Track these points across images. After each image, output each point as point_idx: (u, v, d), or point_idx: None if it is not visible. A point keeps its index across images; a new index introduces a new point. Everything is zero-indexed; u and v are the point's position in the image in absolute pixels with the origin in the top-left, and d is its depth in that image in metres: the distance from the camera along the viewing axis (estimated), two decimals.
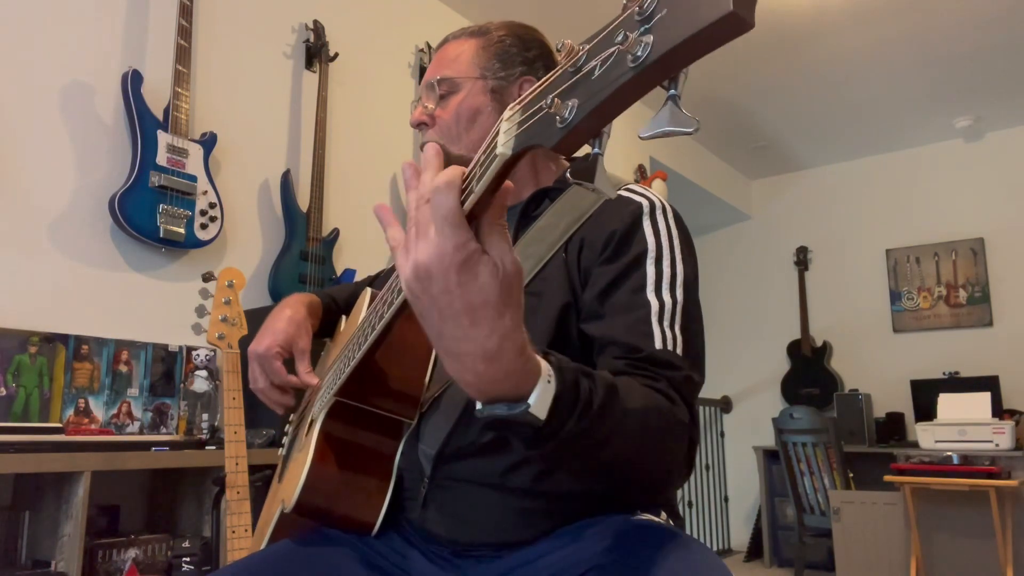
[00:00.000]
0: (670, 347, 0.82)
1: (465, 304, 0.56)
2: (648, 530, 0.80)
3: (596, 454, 0.69)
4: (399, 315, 0.78)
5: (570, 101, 0.48)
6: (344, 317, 1.25)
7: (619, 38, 0.45)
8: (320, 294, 1.25)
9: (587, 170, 0.49)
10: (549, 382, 0.61)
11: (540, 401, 0.60)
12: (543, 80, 0.51)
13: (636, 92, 0.46)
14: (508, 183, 0.56)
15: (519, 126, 0.52)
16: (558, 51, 0.50)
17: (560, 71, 0.50)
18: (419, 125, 1.05)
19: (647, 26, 0.44)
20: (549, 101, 0.49)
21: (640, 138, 0.47)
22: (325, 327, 1.22)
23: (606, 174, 0.50)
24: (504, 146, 0.53)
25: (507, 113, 0.54)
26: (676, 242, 0.91)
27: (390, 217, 0.64)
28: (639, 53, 0.44)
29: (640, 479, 0.78)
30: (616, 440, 0.69)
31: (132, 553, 1.81)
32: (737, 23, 0.41)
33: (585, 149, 0.51)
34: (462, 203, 0.55)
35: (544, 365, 0.62)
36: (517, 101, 0.54)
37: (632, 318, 0.84)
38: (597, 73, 0.46)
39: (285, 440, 1.25)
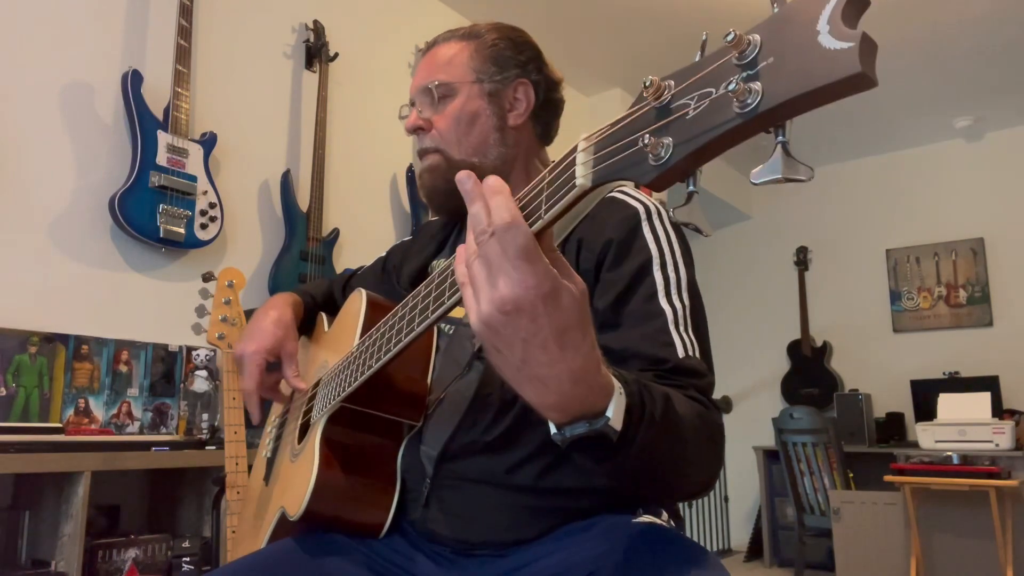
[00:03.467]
0: (691, 352, 0.83)
1: (553, 330, 0.56)
2: (649, 533, 0.81)
3: (660, 462, 0.70)
4: (433, 325, 0.76)
5: (665, 140, 0.47)
6: (323, 315, 1.24)
7: (730, 85, 0.43)
8: (300, 292, 1.24)
9: (689, 210, 0.49)
10: (620, 394, 0.63)
11: (616, 413, 0.62)
12: (626, 114, 0.51)
13: (739, 137, 0.45)
14: None
15: (601, 159, 0.52)
16: (646, 87, 0.49)
17: (646, 107, 0.49)
18: (415, 130, 1.04)
19: (751, 72, 0.43)
20: (646, 139, 0.48)
21: (753, 184, 0.46)
22: (305, 327, 1.22)
23: (703, 212, 0.49)
24: (584, 178, 0.53)
25: (582, 143, 0.54)
26: (676, 246, 0.91)
27: (462, 253, 0.62)
28: (748, 100, 0.43)
29: (693, 482, 0.79)
30: (676, 447, 0.70)
31: (132, 553, 1.81)
32: (863, 82, 0.39)
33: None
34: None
35: (613, 379, 0.63)
36: (596, 131, 0.53)
37: (651, 328, 0.84)
38: (693, 114, 0.46)
39: (267, 441, 1.24)
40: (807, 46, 0.41)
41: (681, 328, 0.85)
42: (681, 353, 0.82)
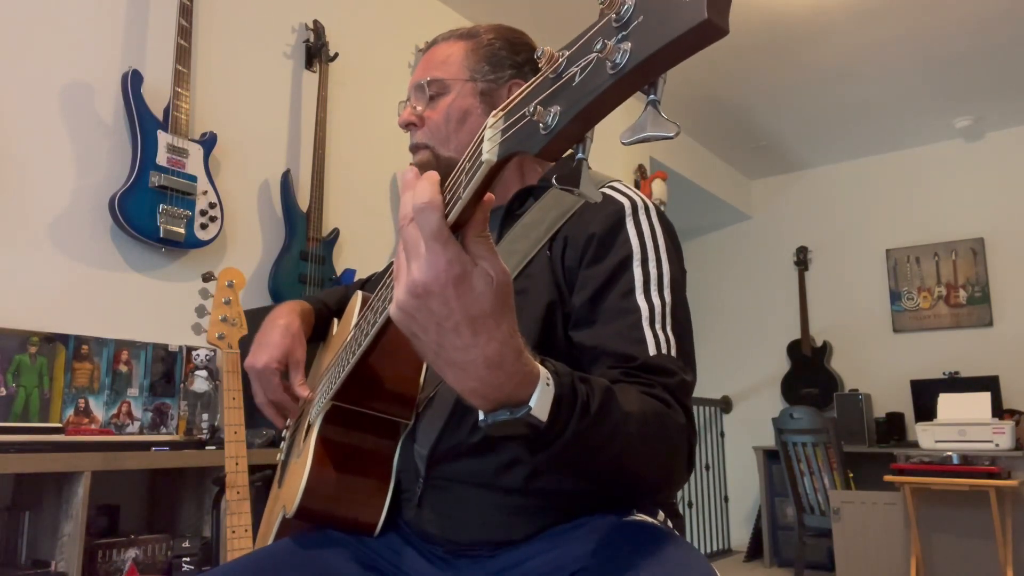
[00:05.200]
0: (663, 351, 0.82)
1: (465, 316, 0.57)
2: (636, 531, 0.80)
3: (598, 457, 0.69)
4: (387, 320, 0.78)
5: (552, 108, 0.48)
6: (336, 320, 1.25)
7: (598, 45, 0.45)
8: (311, 300, 1.25)
9: (572, 175, 0.50)
10: (548, 384, 0.62)
11: (540, 403, 0.61)
12: (524, 87, 0.52)
13: (617, 98, 0.46)
14: (490, 194, 0.57)
15: (503, 133, 0.53)
16: (538, 58, 0.50)
17: (541, 78, 0.50)
18: (408, 126, 1.05)
19: (624, 33, 0.44)
20: (532, 108, 0.49)
21: (622, 143, 0.47)
22: (317, 333, 1.22)
23: (591, 178, 0.50)
24: (489, 153, 0.53)
25: (491, 120, 0.54)
26: (661, 241, 0.90)
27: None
28: (618, 60, 0.44)
29: (642, 482, 0.78)
30: (616, 443, 0.70)
31: (132, 553, 1.81)
32: (712, 30, 0.41)
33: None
34: (447, 213, 0.56)
35: (542, 369, 0.63)
36: (501, 107, 0.54)
37: (623, 325, 0.84)
38: (578, 80, 0.47)
39: (283, 445, 1.25)
40: (667, 1, 0.42)
41: (657, 326, 0.84)
42: (652, 351, 0.82)
